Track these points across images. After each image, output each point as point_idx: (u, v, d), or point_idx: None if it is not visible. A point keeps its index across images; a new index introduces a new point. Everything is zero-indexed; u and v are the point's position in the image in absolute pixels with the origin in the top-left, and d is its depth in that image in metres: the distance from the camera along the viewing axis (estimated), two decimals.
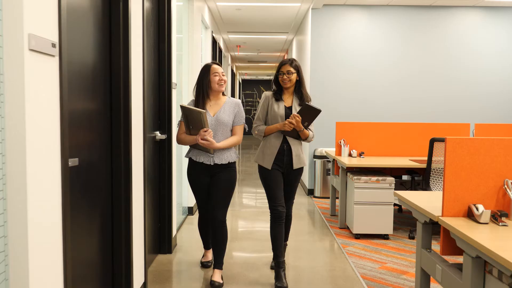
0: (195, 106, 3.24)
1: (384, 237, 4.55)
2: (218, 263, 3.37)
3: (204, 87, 3.28)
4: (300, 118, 3.26)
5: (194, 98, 3.35)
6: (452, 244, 2.28)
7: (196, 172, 3.33)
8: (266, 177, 3.41)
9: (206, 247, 3.74)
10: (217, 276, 3.34)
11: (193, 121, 3.09)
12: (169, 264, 3.76)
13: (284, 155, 3.40)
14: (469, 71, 7.15)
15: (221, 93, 3.35)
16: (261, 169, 3.44)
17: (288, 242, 4.38)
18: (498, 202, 2.31)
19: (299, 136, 3.40)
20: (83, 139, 2.25)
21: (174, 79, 4.12)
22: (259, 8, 7.29)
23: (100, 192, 2.51)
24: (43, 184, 1.66)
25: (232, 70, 14.88)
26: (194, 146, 3.29)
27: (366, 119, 6.94)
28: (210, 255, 3.72)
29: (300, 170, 3.49)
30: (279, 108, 3.40)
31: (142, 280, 3.06)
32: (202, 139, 3.08)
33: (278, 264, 3.37)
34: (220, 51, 9.69)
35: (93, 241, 2.42)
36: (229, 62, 13.12)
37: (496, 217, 2.20)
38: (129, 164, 2.71)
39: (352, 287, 3.29)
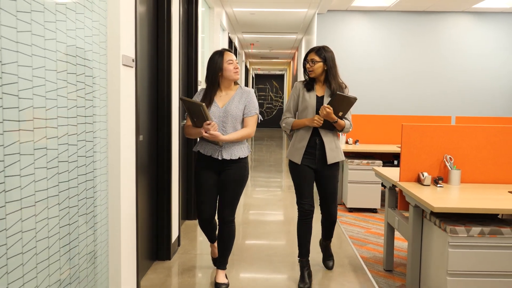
0: (204, 96, 3.02)
1: (373, 210, 5.42)
2: (222, 263, 3.13)
3: (216, 76, 2.97)
4: (332, 109, 2.99)
5: (204, 88, 3.06)
6: (405, 201, 3.16)
7: (203, 166, 3.04)
8: (295, 173, 3.22)
9: (212, 241, 3.37)
10: (221, 278, 3.11)
11: (195, 113, 2.84)
12: (195, 226, 4.69)
13: (316, 149, 3.17)
14: (459, 70, 7.95)
15: (233, 83, 3.05)
16: (291, 164, 3.24)
17: (293, 215, 5.22)
18: (441, 171, 3.18)
19: (332, 127, 3.13)
20: (144, 122, 3.17)
21: (199, 77, 5.02)
22: (271, 13, 8.16)
23: (152, 162, 3.43)
24: (128, 149, 2.58)
25: (246, 66, 15.78)
26: (203, 138, 2.98)
27: (363, 112, 7.79)
28: (217, 250, 3.29)
29: (336, 165, 3.24)
30: (310, 98, 3.15)
31: (177, 234, 3.98)
32: (206, 132, 2.82)
33: (301, 263, 3.25)
34: (235, 49, 10.58)
35: (145, 199, 3.35)
36: (243, 58, 14.02)
37: (437, 181, 3.07)
38: (170, 144, 3.63)
39: (340, 243, 4.19)
